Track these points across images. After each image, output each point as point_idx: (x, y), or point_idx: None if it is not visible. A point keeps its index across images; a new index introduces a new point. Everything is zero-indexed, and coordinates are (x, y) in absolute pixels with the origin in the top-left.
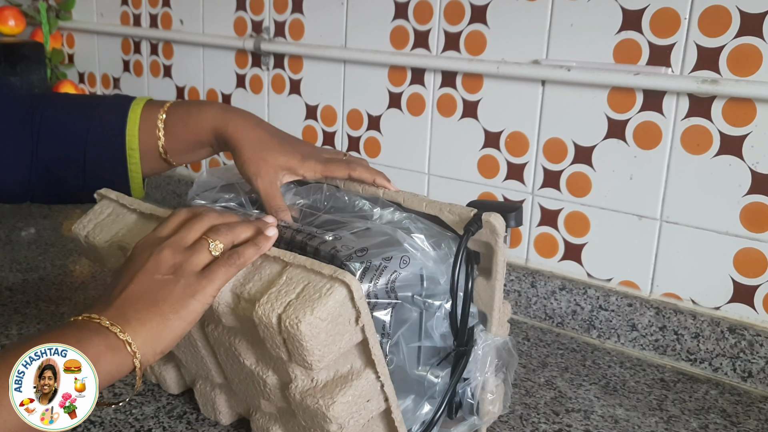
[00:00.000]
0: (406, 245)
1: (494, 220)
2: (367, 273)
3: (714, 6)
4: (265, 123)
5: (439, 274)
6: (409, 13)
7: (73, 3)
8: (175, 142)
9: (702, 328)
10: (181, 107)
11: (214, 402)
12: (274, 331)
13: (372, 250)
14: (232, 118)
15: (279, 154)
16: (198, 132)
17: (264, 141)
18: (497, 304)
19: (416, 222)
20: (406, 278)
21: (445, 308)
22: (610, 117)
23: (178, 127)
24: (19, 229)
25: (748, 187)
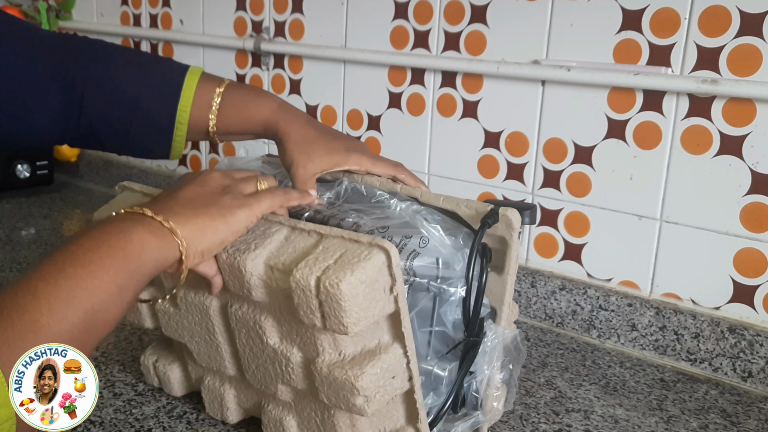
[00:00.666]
0: (423, 230)
1: (511, 214)
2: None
3: (714, 6)
4: (316, 122)
5: (454, 262)
6: (409, 13)
7: (73, 3)
8: (226, 125)
9: (702, 328)
10: (237, 93)
11: (223, 398)
12: (311, 294)
13: (393, 228)
14: (285, 114)
15: (323, 150)
16: (251, 122)
17: (311, 138)
18: (508, 299)
19: (433, 214)
20: (423, 262)
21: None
22: (610, 117)
23: (231, 112)
24: (19, 229)
25: (748, 187)
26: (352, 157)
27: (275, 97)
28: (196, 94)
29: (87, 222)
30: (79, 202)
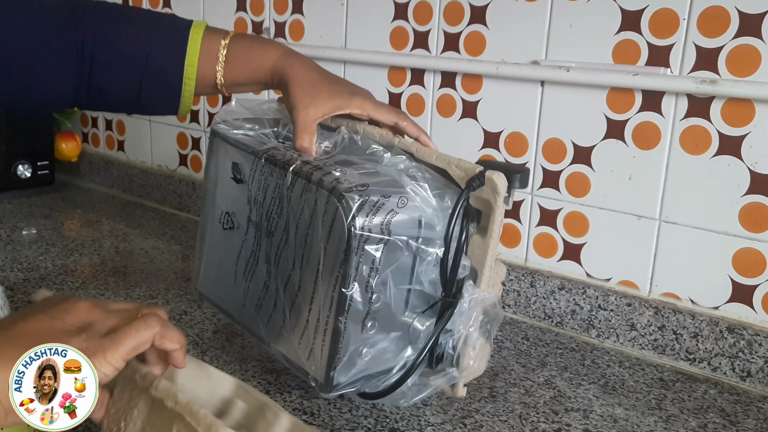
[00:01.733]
0: (408, 189)
1: (497, 178)
2: (364, 207)
3: (713, 6)
4: (321, 68)
5: (437, 223)
6: (408, 13)
7: None
8: (233, 77)
9: (701, 328)
10: (243, 42)
11: None
12: None
13: (373, 187)
14: (290, 60)
15: (326, 93)
16: (258, 71)
17: (315, 82)
18: (489, 262)
19: (424, 172)
20: (404, 221)
21: (438, 256)
22: (609, 117)
23: (238, 63)
24: (20, 228)
25: (747, 187)
26: (354, 100)
27: (281, 44)
28: (201, 48)
29: (87, 222)
30: (80, 202)
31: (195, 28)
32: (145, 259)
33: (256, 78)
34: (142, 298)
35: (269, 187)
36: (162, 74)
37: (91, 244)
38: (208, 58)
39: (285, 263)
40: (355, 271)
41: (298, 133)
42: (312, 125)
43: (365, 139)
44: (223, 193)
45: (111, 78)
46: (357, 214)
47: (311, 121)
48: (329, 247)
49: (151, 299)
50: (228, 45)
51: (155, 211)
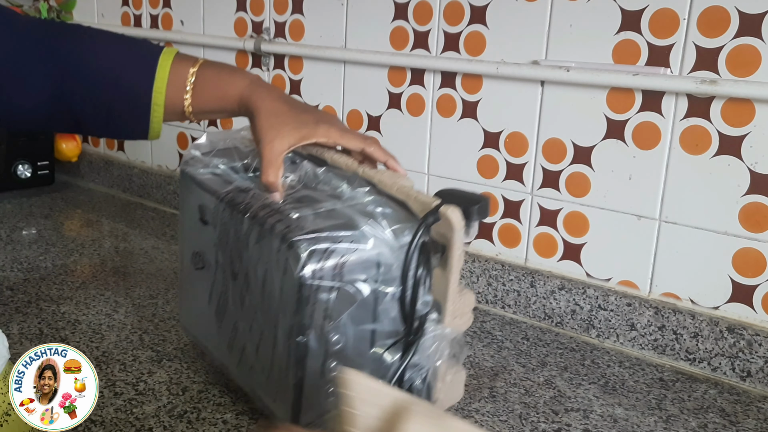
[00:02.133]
0: (363, 228)
1: (451, 213)
2: (314, 255)
3: (713, 6)
4: (288, 96)
5: (393, 261)
6: (408, 13)
7: (74, 3)
8: (200, 104)
9: (701, 328)
10: (212, 71)
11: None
12: None
13: (324, 232)
14: (258, 89)
15: (292, 124)
16: (225, 99)
17: (281, 112)
18: (451, 295)
19: (385, 206)
20: (359, 263)
21: (396, 293)
22: (609, 117)
23: (206, 91)
24: (20, 228)
25: (747, 187)
26: (320, 129)
27: (249, 73)
28: (170, 75)
29: (87, 222)
30: (80, 202)
31: (165, 55)
32: (145, 259)
33: (223, 106)
34: (142, 298)
35: (230, 230)
36: (131, 99)
37: (91, 244)
38: (177, 85)
39: (249, 307)
40: (309, 319)
41: (263, 169)
42: (277, 159)
43: (328, 173)
44: (193, 232)
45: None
46: (307, 263)
47: (276, 155)
48: (283, 296)
49: (151, 299)
50: (196, 72)
51: (155, 211)
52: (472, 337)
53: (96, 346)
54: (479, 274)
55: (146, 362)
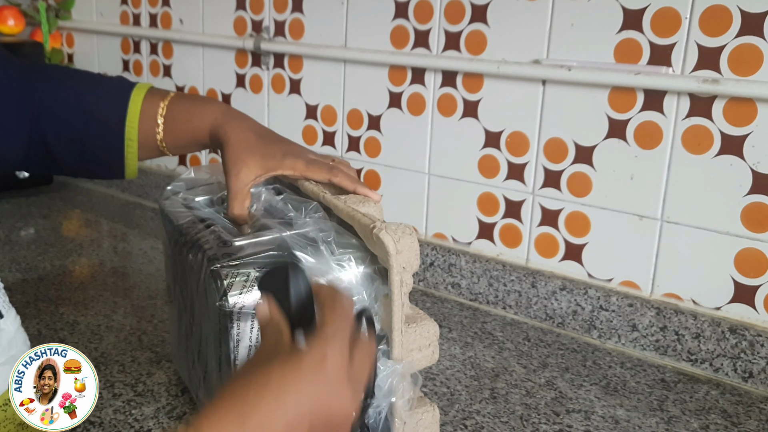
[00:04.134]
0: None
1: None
2: (235, 282)
3: (715, 5)
4: (258, 126)
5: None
6: (409, 12)
7: (73, 2)
8: (174, 137)
9: (703, 329)
10: (182, 103)
11: None
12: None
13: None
14: (228, 120)
15: (258, 155)
16: (197, 132)
17: (249, 142)
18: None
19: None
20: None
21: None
22: (611, 117)
23: (177, 124)
24: (18, 229)
25: (749, 187)
26: (286, 161)
27: (221, 104)
28: (142, 109)
29: (86, 222)
30: (78, 202)
31: (137, 90)
32: (144, 260)
33: (196, 139)
34: (140, 299)
35: (180, 261)
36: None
37: (90, 244)
38: (149, 119)
39: (196, 340)
40: (234, 351)
41: (229, 201)
42: (243, 191)
43: (285, 202)
44: (168, 267)
45: (57, 137)
46: (229, 291)
47: (242, 186)
48: (212, 326)
49: (150, 300)
50: (167, 106)
51: (154, 211)
52: (473, 338)
53: (95, 346)
54: (480, 275)
55: (145, 363)
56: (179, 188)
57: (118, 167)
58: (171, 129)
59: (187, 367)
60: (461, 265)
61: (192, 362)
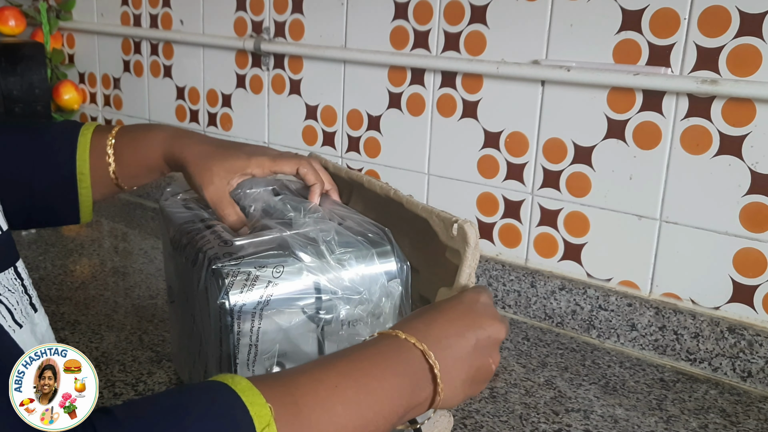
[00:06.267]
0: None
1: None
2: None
3: (713, 6)
4: (212, 138)
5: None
6: (409, 13)
7: (74, 3)
8: (126, 167)
9: (701, 328)
10: (130, 132)
11: None
12: None
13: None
14: (179, 140)
15: (223, 161)
16: (148, 157)
17: (209, 152)
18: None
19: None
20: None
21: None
22: (610, 117)
23: (127, 153)
24: (19, 229)
25: (748, 187)
26: (252, 160)
27: (168, 127)
28: (91, 143)
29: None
30: None
31: (85, 127)
32: (144, 259)
33: (149, 166)
34: (141, 299)
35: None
36: (54, 172)
37: (91, 244)
38: (98, 152)
39: (197, 339)
40: (235, 349)
41: (218, 212)
42: (223, 199)
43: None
44: (168, 267)
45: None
46: (230, 290)
47: (220, 195)
48: (213, 325)
49: (151, 299)
50: (115, 137)
51: (154, 211)
52: None
53: (96, 346)
54: (479, 275)
55: (146, 363)
56: (179, 189)
57: (72, 210)
58: (122, 159)
59: (188, 366)
60: None
61: (193, 362)
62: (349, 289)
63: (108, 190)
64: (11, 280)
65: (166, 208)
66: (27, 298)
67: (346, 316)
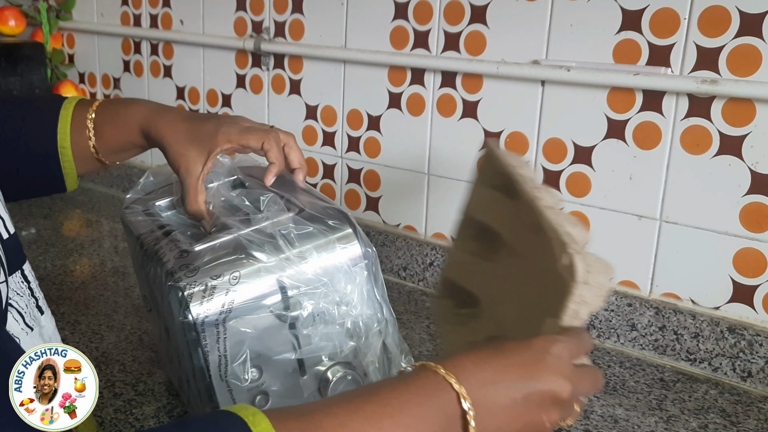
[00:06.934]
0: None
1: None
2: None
3: (713, 6)
4: (186, 112)
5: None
6: (409, 13)
7: (74, 3)
8: (106, 142)
9: (701, 328)
10: (109, 106)
11: None
12: None
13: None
14: (156, 117)
15: (196, 142)
16: (127, 132)
17: (183, 133)
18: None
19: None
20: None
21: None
22: (610, 117)
23: (107, 127)
24: (19, 228)
25: (748, 187)
26: (220, 136)
27: (148, 102)
28: (72, 117)
29: (87, 222)
30: (79, 202)
31: (68, 101)
32: None
33: (128, 139)
34: (141, 299)
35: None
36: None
37: (91, 244)
38: (79, 126)
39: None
40: (205, 361)
41: (186, 199)
42: (195, 185)
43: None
44: (140, 276)
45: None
46: (190, 304)
47: (194, 181)
48: (180, 338)
49: None
50: (96, 110)
51: None
52: None
53: (96, 346)
54: None
55: (146, 363)
56: (138, 194)
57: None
58: (101, 133)
59: (175, 373)
60: None
61: (177, 369)
62: (313, 281)
63: (90, 164)
64: (19, 283)
65: (126, 217)
66: (34, 300)
67: (312, 310)
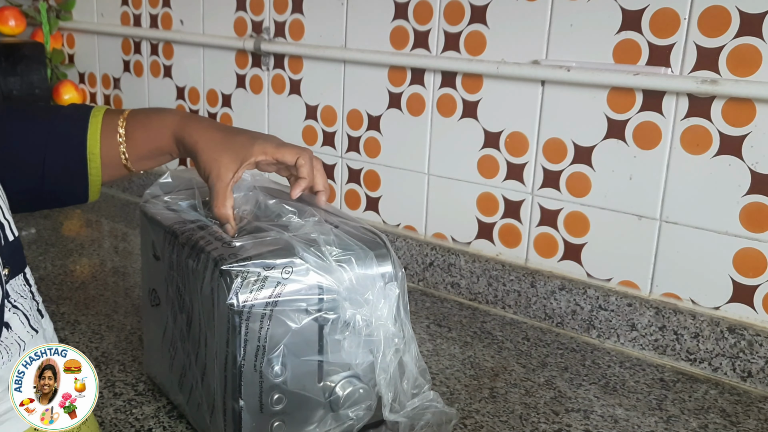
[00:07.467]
0: (303, 254)
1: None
2: (245, 282)
3: (713, 6)
4: (219, 123)
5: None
6: (409, 13)
7: (74, 3)
8: (136, 149)
9: (701, 328)
10: (141, 114)
11: None
12: None
13: (259, 259)
14: (189, 124)
15: (230, 150)
16: (158, 140)
17: (217, 141)
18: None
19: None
20: (297, 289)
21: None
22: (610, 117)
23: (138, 133)
24: (19, 229)
25: (748, 187)
26: (255, 147)
27: (178, 111)
28: (103, 124)
29: (87, 222)
30: None
31: (96, 109)
32: None
33: (159, 147)
34: (141, 299)
35: (176, 263)
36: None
37: (91, 244)
38: (109, 132)
39: (194, 341)
40: (242, 349)
41: (213, 202)
42: (225, 190)
43: (279, 204)
44: (149, 270)
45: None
46: (238, 291)
47: (224, 187)
48: (218, 326)
49: None
50: (126, 118)
51: None
52: (472, 338)
53: (96, 346)
54: (480, 275)
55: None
56: (159, 191)
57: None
58: (133, 141)
59: (169, 370)
60: (461, 265)
61: (184, 366)
62: (350, 290)
63: (117, 171)
64: (22, 286)
65: (148, 210)
66: (35, 304)
67: (347, 318)
